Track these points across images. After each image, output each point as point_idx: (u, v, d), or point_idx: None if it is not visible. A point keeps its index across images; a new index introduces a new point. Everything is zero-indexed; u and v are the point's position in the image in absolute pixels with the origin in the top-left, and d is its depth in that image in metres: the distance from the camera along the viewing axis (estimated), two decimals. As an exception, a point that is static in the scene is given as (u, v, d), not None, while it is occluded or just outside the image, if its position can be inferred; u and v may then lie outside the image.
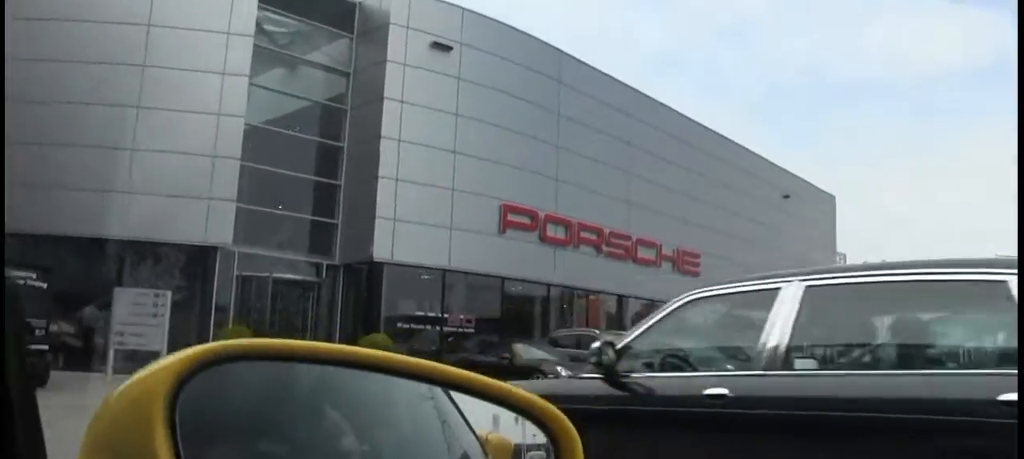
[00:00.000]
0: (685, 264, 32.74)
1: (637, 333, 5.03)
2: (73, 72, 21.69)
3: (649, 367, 4.96)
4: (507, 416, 1.64)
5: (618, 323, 29.12)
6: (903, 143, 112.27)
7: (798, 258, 39.50)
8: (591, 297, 29.97)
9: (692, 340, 5.41)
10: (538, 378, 19.26)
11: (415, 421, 1.72)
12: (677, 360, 5.11)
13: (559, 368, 19.36)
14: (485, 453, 1.72)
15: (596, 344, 4.90)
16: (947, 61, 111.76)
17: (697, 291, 5.10)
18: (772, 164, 38.98)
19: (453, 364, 6.71)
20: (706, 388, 4.38)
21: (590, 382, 5.02)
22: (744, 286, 4.88)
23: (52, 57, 21.55)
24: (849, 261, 47.38)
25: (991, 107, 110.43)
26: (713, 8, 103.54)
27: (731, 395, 4.28)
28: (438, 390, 1.68)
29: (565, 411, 1.52)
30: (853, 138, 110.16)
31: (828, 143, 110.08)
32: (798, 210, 39.95)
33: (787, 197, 38.56)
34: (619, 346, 4.82)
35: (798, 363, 4.31)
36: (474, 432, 1.74)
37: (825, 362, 4.45)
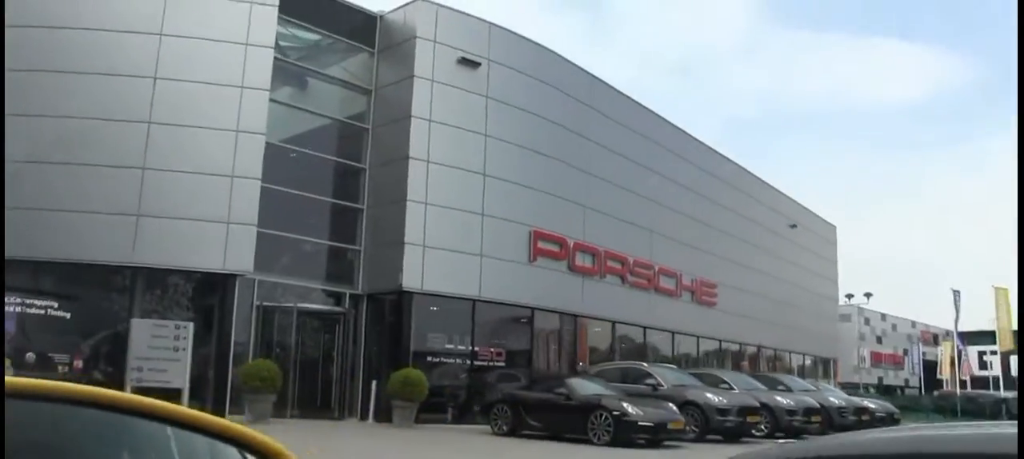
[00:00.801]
0: (703, 294, 31.61)
1: None
2: (79, 84, 19.87)
3: None
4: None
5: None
6: (852, 173, 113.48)
7: (807, 289, 38.72)
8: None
9: None
10: (600, 415, 17.75)
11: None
12: None
13: (625, 404, 17.96)
14: None
15: None
16: (892, 96, 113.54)
17: None
18: (779, 192, 38.19)
19: (499, 401, 18.19)
20: None
21: None
22: None
23: (56, 68, 19.82)
24: (841, 291, 46.79)
25: (935, 140, 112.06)
26: (663, 46, 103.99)
27: None
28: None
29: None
30: (806, 168, 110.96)
31: (782, 173, 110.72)
32: (803, 239, 39.14)
33: (794, 226, 37.73)
34: None
35: None
36: None
37: None
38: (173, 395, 18.42)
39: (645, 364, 22.79)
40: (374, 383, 20.97)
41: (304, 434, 17.73)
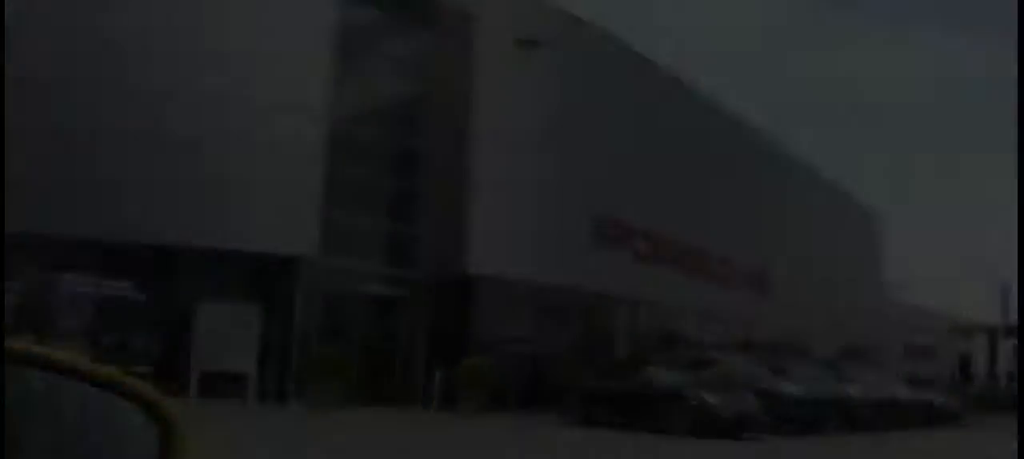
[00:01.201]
0: (757, 283, 31.04)
1: None
2: (133, 58, 19.35)
3: None
4: None
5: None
6: (893, 164, 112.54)
7: (852, 280, 38.06)
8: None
9: None
10: (681, 406, 17.13)
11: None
12: None
13: (706, 395, 17.39)
14: None
15: None
16: (933, 86, 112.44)
17: None
18: (827, 180, 37.56)
19: (571, 390, 18.31)
20: None
21: None
22: None
23: (112, 40, 19.29)
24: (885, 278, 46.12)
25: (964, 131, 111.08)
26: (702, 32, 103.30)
27: None
28: None
29: None
30: (851, 157, 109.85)
31: (832, 162, 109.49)
32: (850, 231, 38.41)
33: (841, 215, 37.06)
34: None
35: None
36: None
37: None
38: (239, 380, 18.01)
39: (716, 352, 22.21)
40: (438, 371, 20.40)
41: (399, 426, 17.13)
